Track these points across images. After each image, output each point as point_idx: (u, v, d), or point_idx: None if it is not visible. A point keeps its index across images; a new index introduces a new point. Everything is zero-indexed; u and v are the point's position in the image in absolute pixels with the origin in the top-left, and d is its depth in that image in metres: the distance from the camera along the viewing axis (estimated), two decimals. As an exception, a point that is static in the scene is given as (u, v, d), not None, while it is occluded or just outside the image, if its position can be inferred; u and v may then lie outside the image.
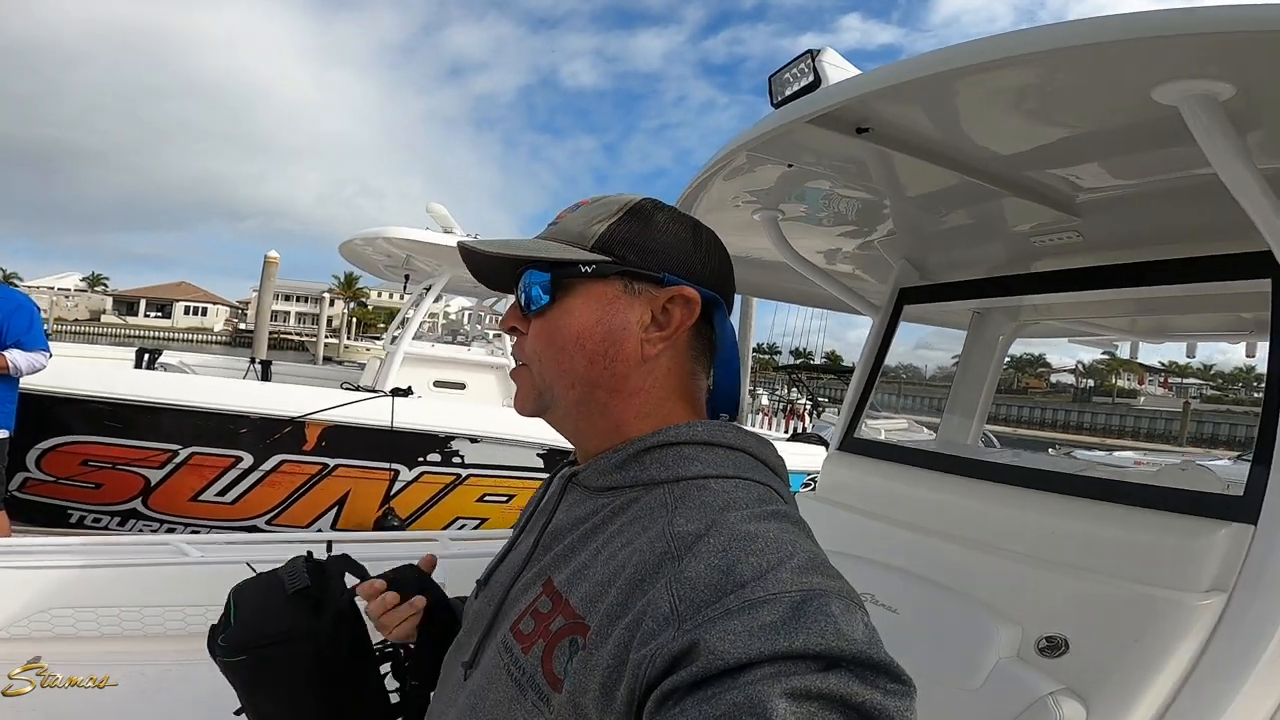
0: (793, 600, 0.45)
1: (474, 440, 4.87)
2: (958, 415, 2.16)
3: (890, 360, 1.98)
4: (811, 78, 1.21)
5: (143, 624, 1.81)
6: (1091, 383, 47.13)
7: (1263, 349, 2.48)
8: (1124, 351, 3.10)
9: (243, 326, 55.76)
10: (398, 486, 4.71)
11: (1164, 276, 1.36)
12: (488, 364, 6.21)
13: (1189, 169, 1.20)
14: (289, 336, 49.05)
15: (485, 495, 4.98)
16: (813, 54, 1.22)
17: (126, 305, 62.74)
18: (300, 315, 64.40)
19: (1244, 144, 0.94)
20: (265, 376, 6.29)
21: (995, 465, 1.46)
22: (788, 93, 1.24)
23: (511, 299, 0.69)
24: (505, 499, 5.04)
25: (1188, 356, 2.86)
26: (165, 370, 5.56)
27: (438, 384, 5.80)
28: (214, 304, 65.23)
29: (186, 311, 62.84)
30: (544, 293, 0.63)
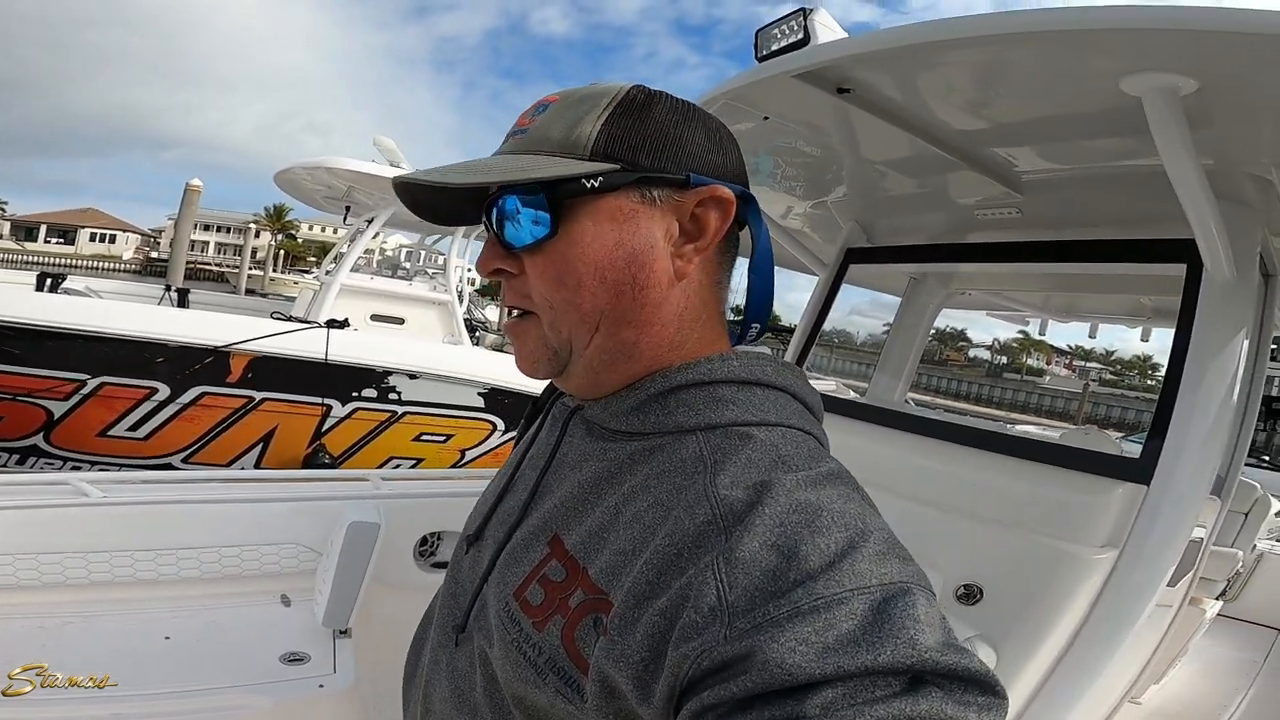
0: (873, 600, 0.37)
1: (413, 376, 4.76)
2: (887, 375, 2.29)
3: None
4: (801, 35, 1.22)
5: (39, 573, 1.68)
6: (1004, 359, 50.03)
7: (1156, 333, 2.72)
8: (1033, 329, 3.34)
9: (155, 255, 52.06)
10: (329, 423, 4.57)
11: (1092, 255, 1.45)
12: (429, 299, 6.04)
13: (1131, 158, 1.28)
14: (208, 267, 46.05)
15: (422, 434, 4.90)
16: (805, 12, 1.23)
17: (25, 231, 57.25)
18: (221, 246, 60.53)
19: (1191, 138, 1.01)
20: (183, 305, 5.94)
21: (921, 420, 1.55)
22: (774, 48, 1.25)
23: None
24: (443, 438, 4.97)
25: (1090, 337, 3.10)
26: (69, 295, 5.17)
27: (375, 318, 5.62)
28: (123, 231, 60.30)
29: (93, 238, 57.84)
30: (541, 222, 0.50)
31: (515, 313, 0.55)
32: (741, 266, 0.58)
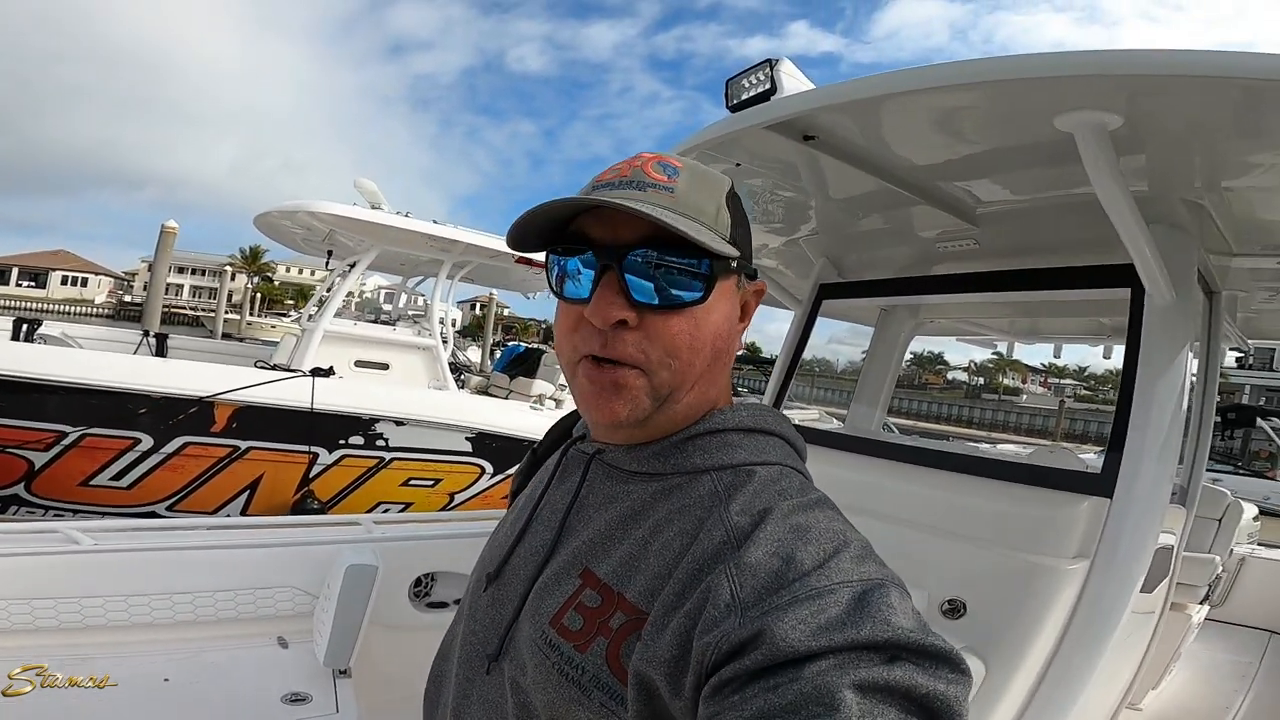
0: (854, 591, 0.45)
1: (399, 423, 4.76)
2: (864, 404, 2.37)
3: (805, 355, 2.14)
4: (768, 85, 1.31)
5: (33, 618, 1.68)
6: (982, 380, 50.74)
7: (1118, 350, 2.83)
8: (1003, 350, 3.48)
9: (128, 299, 51.45)
10: (316, 470, 4.55)
11: (1044, 282, 1.55)
12: (413, 344, 5.99)
13: (1071, 188, 1.38)
14: (182, 310, 45.49)
15: (411, 479, 4.88)
16: (771, 63, 1.32)
17: (-3, 274, 56.24)
18: (196, 289, 60.00)
19: (1120, 168, 1.12)
20: (160, 351, 5.91)
21: (898, 446, 1.63)
22: (744, 97, 1.34)
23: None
24: (432, 483, 4.96)
25: (1054, 356, 3.22)
26: (45, 342, 5.12)
27: (359, 364, 5.58)
28: (96, 274, 59.56)
29: (64, 281, 56.96)
30: (695, 287, 0.55)
31: (609, 361, 0.55)
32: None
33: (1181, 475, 1.66)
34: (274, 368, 4.87)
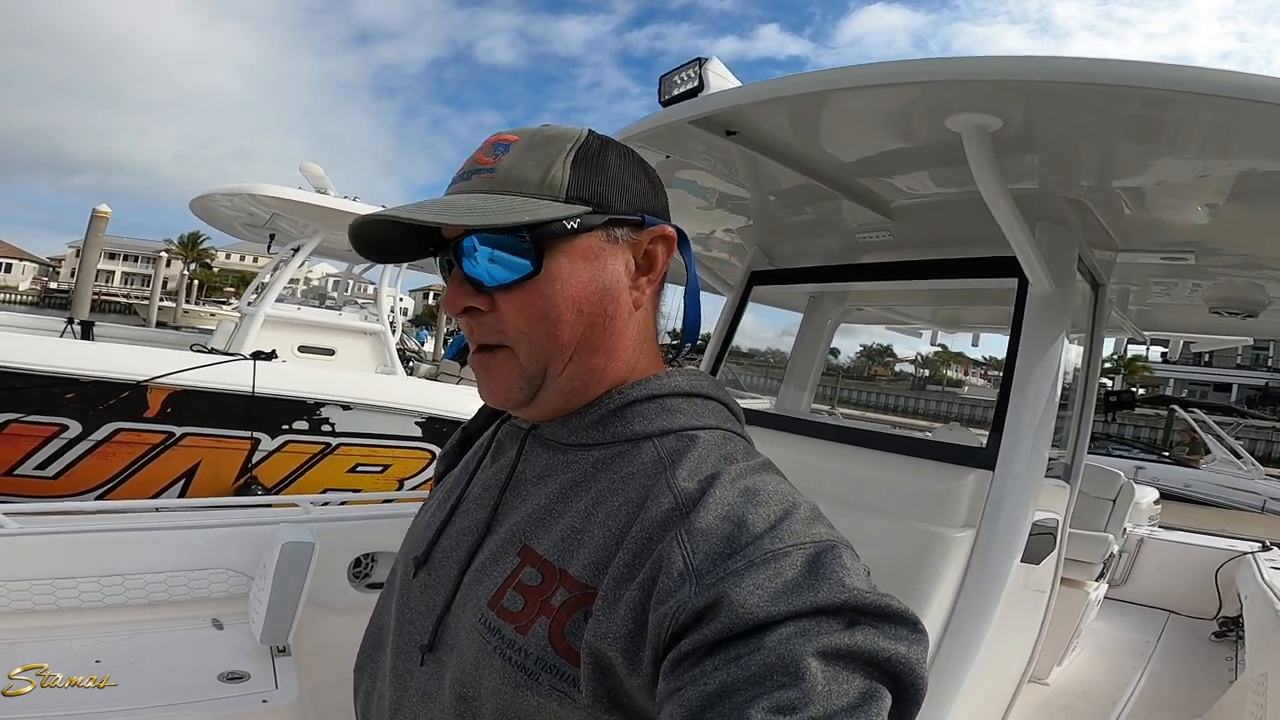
0: (808, 553, 0.45)
1: (347, 407, 4.69)
2: (793, 386, 2.48)
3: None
4: (696, 82, 1.37)
5: (-43, 604, 1.66)
6: (927, 373, 52.40)
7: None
8: (928, 339, 3.57)
9: (54, 286, 48.74)
10: (258, 456, 4.45)
11: (947, 272, 1.67)
12: (360, 329, 5.87)
13: (969, 185, 1.49)
14: (114, 298, 43.31)
15: (358, 465, 4.82)
16: (700, 62, 1.38)
17: (-85, 260, 52.34)
18: (128, 275, 57.24)
19: (1000, 167, 1.22)
20: (86, 338, 5.67)
21: (817, 424, 1.74)
22: (675, 93, 1.40)
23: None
24: (380, 469, 4.90)
25: (973, 345, 3.39)
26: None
27: (303, 349, 5.47)
28: (20, 259, 56.18)
29: (-16, 267, 53.55)
30: (523, 261, 0.54)
31: (482, 347, 0.57)
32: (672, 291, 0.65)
33: (1065, 454, 1.81)
34: (211, 351, 4.74)
